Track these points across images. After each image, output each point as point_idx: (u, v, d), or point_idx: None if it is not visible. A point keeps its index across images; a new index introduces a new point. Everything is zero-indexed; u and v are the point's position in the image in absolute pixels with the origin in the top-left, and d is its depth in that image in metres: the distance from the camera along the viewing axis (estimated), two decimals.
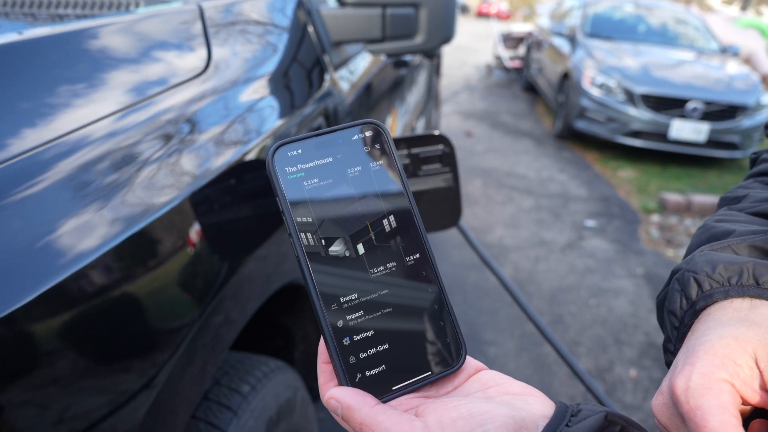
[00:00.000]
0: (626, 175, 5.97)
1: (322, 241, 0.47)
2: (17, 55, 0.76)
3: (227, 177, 0.96)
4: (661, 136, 6.17)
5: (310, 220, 0.47)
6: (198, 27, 1.07)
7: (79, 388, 0.67)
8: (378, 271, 0.48)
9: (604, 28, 7.91)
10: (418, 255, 0.50)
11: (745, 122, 6.15)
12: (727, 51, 7.63)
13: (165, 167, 0.85)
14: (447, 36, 1.68)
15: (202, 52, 1.05)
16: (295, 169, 0.48)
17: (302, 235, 0.46)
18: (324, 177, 0.48)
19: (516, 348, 2.99)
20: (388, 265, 0.48)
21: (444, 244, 3.96)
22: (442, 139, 1.17)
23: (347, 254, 0.47)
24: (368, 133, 0.51)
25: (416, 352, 0.48)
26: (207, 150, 0.94)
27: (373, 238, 0.49)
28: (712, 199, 5.07)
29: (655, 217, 4.94)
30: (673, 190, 5.50)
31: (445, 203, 1.23)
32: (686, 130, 6.07)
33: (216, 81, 1.05)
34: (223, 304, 0.94)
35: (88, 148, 0.75)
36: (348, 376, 0.46)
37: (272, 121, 1.16)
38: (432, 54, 1.67)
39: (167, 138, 0.88)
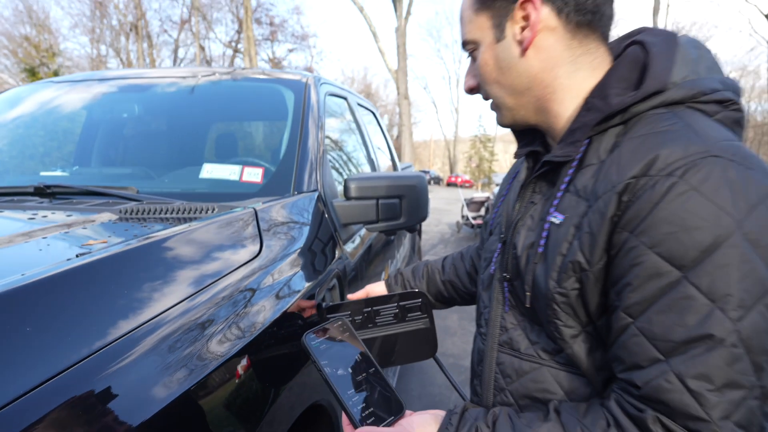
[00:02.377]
0: None
1: (336, 370, 0.81)
2: (120, 262, 0.89)
3: (271, 328, 1.08)
4: None
5: (327, 362, 0.82)
6: (253, 223, 1.27)
7: None
8: (361, 378, 0.82)
9: None
10: (373, 369, 0.84)
11: None
12: None
13: (227, 327, 0.97)
14: (422, 216, 1.90)
15: (257, 242, 1.24)
16: (316, 342, 0.84)
17: (326, 369, 0.81)
18: (331, 342, 0.85)
19: None
20: (364, 375, 0.83)
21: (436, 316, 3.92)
22: (421, 295, 1.32)
23: (346, 374, 0.81)
24: (341, 322, 0.89)
25: (384, 411, 0.80)
26: (260, 308, 1.08)
27: (356, 367, 0.83)
28: None
29: None
30: None
31: (425, 340, 1.34)
32: None
33: (265, 259, 1.22)
34: (263, 429, 1.00)
35: (167, 325, 0.84)
36: (360, 424, 0.77)
37: (302, 284, 1.32)
38: (413, 229, 1.89)
39: (231, 305, 1.02)
